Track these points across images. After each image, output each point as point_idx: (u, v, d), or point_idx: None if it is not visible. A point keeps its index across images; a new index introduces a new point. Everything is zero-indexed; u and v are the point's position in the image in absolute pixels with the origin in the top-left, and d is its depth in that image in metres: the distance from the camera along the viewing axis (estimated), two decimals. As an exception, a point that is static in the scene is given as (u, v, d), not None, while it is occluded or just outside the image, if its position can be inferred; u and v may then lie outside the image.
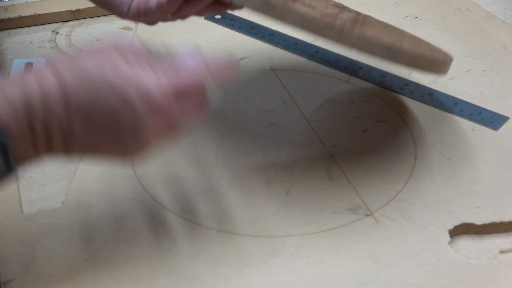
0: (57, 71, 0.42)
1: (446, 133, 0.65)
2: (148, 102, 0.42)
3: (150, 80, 0.43)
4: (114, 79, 0.42)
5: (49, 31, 0.80)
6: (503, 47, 0.78)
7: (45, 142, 0.42)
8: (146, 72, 0.43)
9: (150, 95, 0.42)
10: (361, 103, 0.69)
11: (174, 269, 0.50)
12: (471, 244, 0.54)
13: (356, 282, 0.49)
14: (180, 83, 0.44)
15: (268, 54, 0.77)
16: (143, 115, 0.42)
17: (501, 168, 0.60)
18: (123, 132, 0.43)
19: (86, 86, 0.42)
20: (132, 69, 0.43)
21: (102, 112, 0.42)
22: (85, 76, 0.42)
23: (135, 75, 0.42)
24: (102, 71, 0.42)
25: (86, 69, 0.42)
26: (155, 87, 0.43)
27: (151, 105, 0.42)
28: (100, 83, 0.42)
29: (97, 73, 0.42)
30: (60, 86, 0.41)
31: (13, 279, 0.48)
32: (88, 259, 0.50)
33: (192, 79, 0.45)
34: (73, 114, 0.42)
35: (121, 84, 0.42)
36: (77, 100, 0.41)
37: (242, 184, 0.58)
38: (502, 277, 0.50)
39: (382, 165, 0.60)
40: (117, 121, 0.42)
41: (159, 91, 0.43)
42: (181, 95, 0.44)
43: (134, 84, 0.42)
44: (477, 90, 0.71)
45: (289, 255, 0.51)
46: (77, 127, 0.42)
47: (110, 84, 0.42)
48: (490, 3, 0.90)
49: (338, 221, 0.54)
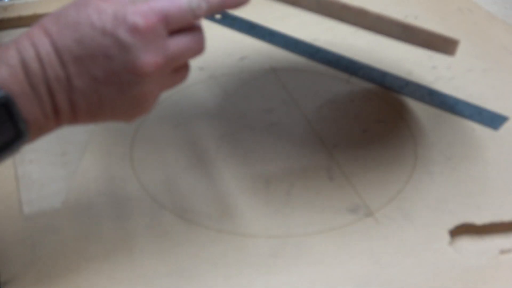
0: (46, 29, 0.43)
1: (446, 133, 0.65)
2: (138, 34, 0.43)
3: (134, 14, 0.43)
4: (101, 23, 0.43)
5: (49, 31, 0.80)
6: (503, 47, 0.78)
7: (50, 102, 0.43)
8: (129, 7, 0.44)
9: (138, 27, 0.43)
10: (361, 103, 0.69)
11: (174, 269, 0.50)
12: (471, 244, 0.54)
13: (356, 282, 0.49)
14: (164, 8, 0.44)
15: (268, 54, 0.77)
16: (135, 48, 0.43)
17: (501, 168, 0.60)
18: (121, 73, 0.43)
19: (75, 36, 0.43)
20: (116, 8, 0.44)
21: (96, 56, 0.43)
22: (73, 27, 0.43)
23: (120, 13, 0.43)
24: (88, 18, 0.43)
25: (73, 20, 0.43)
26: (140, 17, 0.43)
27: (140, 35, 0.43)
28: (88, 30, 0.43)
29: (84, 21, 0.43)
30: (51, 42, 0.43)
31: (13, 279, 0.48)
32: (88, 259, 0.50)
33: (175, 4, 0.45)
34: (69, 67, 0.43)
35: (109, 26, 0.43)
36: (70, 52, 0.43)
37: (242, 184, 0.58)
38: (502, 277, 0.50)
39: (382, 165, 0.60)
40: (112, 61, 0.43)
41: (144, 19, 0.43)
42: (168, 20, 0.44)
43: (121, 22, 0.43)
44: (477, 90, 0.71)
45: (289, 255, 0.51)
46: (75, 79, 0.43)
47: (98, 29, 0.43)
48: (490, 3, 0.90)
49: (338, 221, 0.54)
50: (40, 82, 0.42)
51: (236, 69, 0.74)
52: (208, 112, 0.67)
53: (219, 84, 0.72)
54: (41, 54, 0.42)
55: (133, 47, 0.43)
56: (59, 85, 0.43)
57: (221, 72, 0.74)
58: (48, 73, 0.43)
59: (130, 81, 0.44)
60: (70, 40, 0.43)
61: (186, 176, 0.59)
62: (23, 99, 0.42)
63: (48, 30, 0.43)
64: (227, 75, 0.73)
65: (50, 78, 0.43)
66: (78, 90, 0.43)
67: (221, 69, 0.74)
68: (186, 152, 0.62)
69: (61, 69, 0.43)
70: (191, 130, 0.65)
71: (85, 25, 0.43)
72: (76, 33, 0.43)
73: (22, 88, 0.42)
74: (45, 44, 0.43)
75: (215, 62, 0.75)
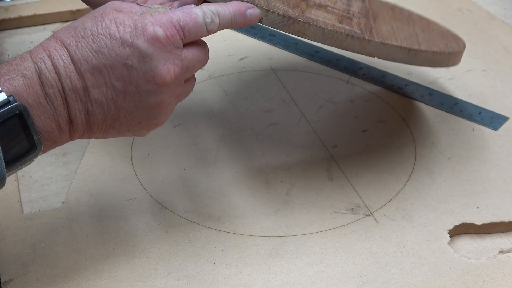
0: (63, 40, 0.44)
1: (446, 133, 0.65)
2: (158, 44, 0.44)
3: (154, 24, 0.44)
4: (120, 33, 0.43)
5: (49, 31, 0.80)
6: (503, 47, 0.78)
7: (66, 114, 0.43)
8: (148, 18, 0.44)
9: (158, 37, 0.44)
10: (361, 103, 0.69)
11: (174, 269, 0.50)
12: (471, 244, 0.54)
13: (356, 282, 0.49)
14: (181, 19, 0.45)
15: (268, 54, 0.77)
16: (155, 58, 0.44)
17: (501, 168, 0.60)
18: (140, 82, 0.44)
19: (93, 47, 0.43)
20: (134, 19, 0.44)
21: (114, 67, 0.43)
22: (90, 38, 0.43)
23: (139, 23, 0.44)
24: (106, 29, 0.44)
25: (90, 31, 0.44)
26: (160, 28, 0.44)
27: (160, 45, 0.44)
28: (107, 41, 0.43)
29: (102, 32, 0.43)
30: (68, 54, 0.43)
31: (13, 279, 0.48)
32: (88, 259, 0.50)
33: (191, 17, 0.46)
34: (86, 77, 0.43)
35: (128, 37, 0.43)
36: (88, 63, 0.43)
37: (242, 184, 0.58)
38: (502, 277, 0.50)
39: (382, 165, 0.60)
40: (131, 71, 0.44)
41: (164, 30, 0.44)
42: (184, 32, 0.45)
43: (141, 32, 0.44)
44: (477, 90, 0.71)
45: (289, 255, 0.51)
46: (93, 89, 0.43)
47: (117, 39, 0.43)
48: (490, 3, 0.90)
49: (338, 221, 0.54)
50: (56, 94, 0.42)
51: (236, 69, 0.74)
52: (208, 112, 0.67)
53: (219, 84, 0.72)
54: (57, 65, 0.43)
55: (153, 56, 0.44)
56: (75, 96, 0.43)
57: (221, 72, 0.74)
58: (65, 85, 0.43)
59: (148, 91, 0.44)
60: (88, 51, 0.43)
61: (186, 176, 0.59)
62: (38, 110, 0.42)
63: (64, 42, 0.43)
64: (227, 75, 0.73)
65: (66, 89, 0.43)
66: (95, 101, 0.44)
67: (221, 69, 0.74)
68: (186, 152, 0.62)
69: (78, 80, 0.43)
70: (191, 130, 0.65)
71: (104, 36, 0.43)
72: (94, 44, 0.43)
73: (37, 99, 0.42)
74: (62, 55, 0.43)
75: (216, 62, 0.75)
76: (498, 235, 0.54)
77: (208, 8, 0.47)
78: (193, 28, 0.46)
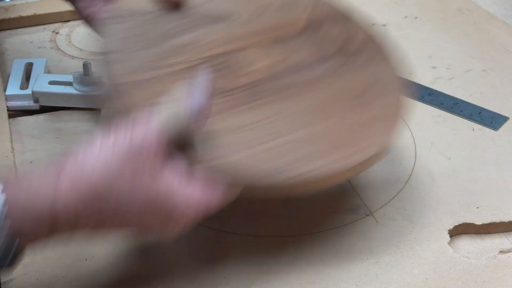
0: (74, 187, 0.40)
1: (446, 133, 0.65)
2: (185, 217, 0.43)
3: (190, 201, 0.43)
4: (153, 197, 0.41)
5: (49, 31, 0.80)
6: (503, 47, 0.78)
7: (49, 228, 0.41)
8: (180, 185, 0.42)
9: (189, 214, 0.43)
10: (361, 103, 0.69)
11: (174, 269, 0.50)
12: (471, 244, 0.54)
13: (356, 282, 0.49)
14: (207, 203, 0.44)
15: (268, 54, 0.77)
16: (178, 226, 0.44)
17: (501, 168, 0.60)
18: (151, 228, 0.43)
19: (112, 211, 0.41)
20: (165, 182, 0.41)
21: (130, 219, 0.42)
22: (108, 204, 0.40)
23: (178, 192, 0.42)
24: (135, 194, 0.41)
25: (111, 196, 0.40)
26: (194, 209, 0.43)
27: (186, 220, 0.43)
28: (133, 203, 0.41)
29: (128, 197, 0.40)
30: (75, 200, 0.40)
31: (13, 279, 0.48)
32: (88, 259, 0.50)
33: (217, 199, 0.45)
34: (81, 216, 0.40)
35: (164, 203, 0.42)
36: (91, 209, 0.40)
37: (242, 184, 0.58)
38: (502, 277, 0.50)
39: (382, 165, 0.60)
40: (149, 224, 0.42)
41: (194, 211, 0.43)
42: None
43: (181, 203, 0.42)
44: (477, 90, 0.71)
45: (289, 255, 0.51)
46: (84, 219, 0.41)
47: (149, 203, 0.41)
48: (490, 3, 0.90)
49: (338, 221, 0.54)
50: (46, 225, 0.40)
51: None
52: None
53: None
54: (58, 209, 0.40)
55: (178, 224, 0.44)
56: (66, 224, 0.41)
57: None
58: (61, 223, 0.40)
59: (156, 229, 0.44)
60: (102, 215, 0.40)
61: (186, 176, 0.59)
62: (29, 237, 0.40)
63: (75, 188, 0.40)
64: (227, 75, 0.73)
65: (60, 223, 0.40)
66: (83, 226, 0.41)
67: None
68: (186, 152, 0.62)
69: (73, 218, 0.40)
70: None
71: (129, 203, 0.41)
72: (114, 209, 0.41)
73: (32, 230, 0.40)
74: (66, 200, 0.40)
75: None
76: (498, 235, 0.54)
77: None
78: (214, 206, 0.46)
